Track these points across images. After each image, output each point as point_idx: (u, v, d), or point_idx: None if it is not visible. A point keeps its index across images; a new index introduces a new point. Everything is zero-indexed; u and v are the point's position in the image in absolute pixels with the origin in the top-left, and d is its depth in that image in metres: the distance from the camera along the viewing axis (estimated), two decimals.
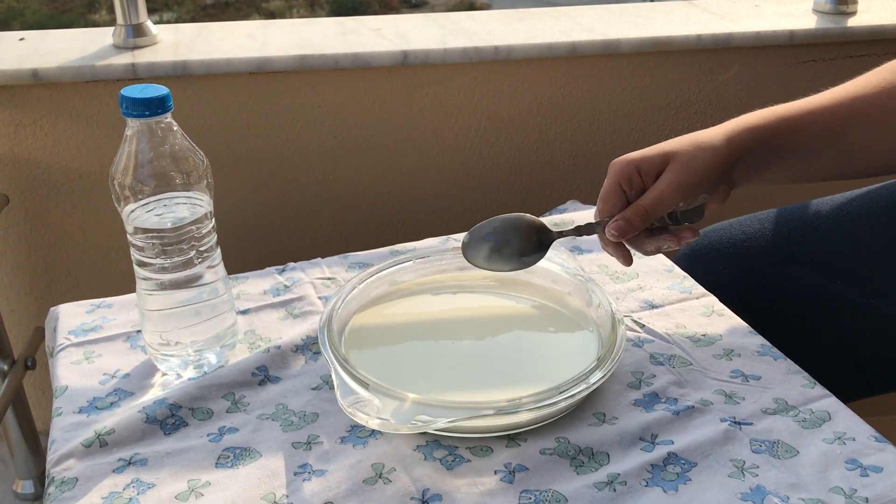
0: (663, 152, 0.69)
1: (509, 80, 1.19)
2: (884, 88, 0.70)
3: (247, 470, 0.61)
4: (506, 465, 0.60)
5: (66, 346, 0.75)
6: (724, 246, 0.88)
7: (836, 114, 0.70)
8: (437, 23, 1.25)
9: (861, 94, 0.70)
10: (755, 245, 0.87)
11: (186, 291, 0.68)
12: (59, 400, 0.68)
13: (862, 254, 0.81)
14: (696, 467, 0.59)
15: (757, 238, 0.87)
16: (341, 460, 0.61)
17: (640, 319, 0.76)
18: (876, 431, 0.62)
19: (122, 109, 0.63)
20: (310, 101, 1.15)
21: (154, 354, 0.71)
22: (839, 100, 0.70)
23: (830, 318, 0.82)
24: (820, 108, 0.71)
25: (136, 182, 0.65)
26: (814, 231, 0.85)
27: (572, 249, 0.87)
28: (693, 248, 0.91)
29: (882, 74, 0.71)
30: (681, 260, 0.90)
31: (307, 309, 0.79)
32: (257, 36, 1.19)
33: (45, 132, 1.11)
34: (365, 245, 0.90)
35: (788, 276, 0.84)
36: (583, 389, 0.62)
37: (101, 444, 0.63)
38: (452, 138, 1.21)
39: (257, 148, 1.17)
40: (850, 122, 0.70)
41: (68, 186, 1.14)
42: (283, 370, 0.71)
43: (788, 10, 1.29)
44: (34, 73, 1.07)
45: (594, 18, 1.27)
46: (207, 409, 0.67)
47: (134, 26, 1.14)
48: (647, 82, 1.22)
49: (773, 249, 0.86)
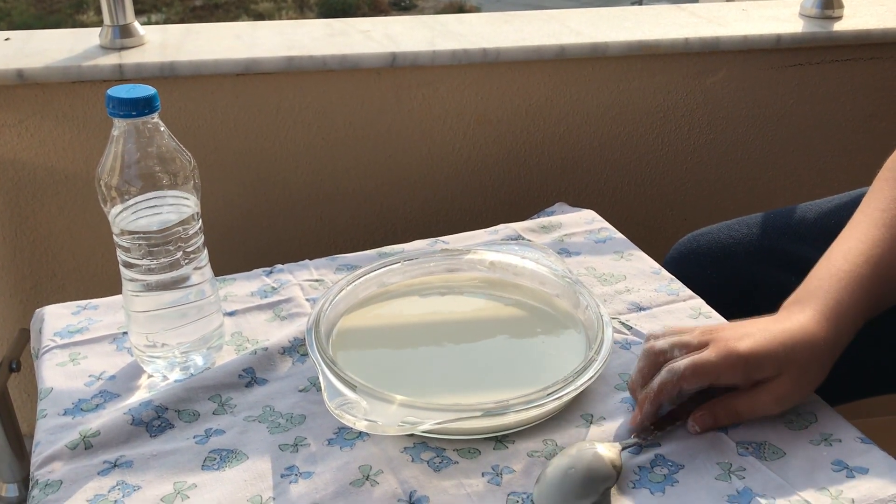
0: (782, 359, 0.60)
1: (498, 83, 1.19)
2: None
3: (233, 472, 0.60)
4: (493, 467, 0.60)
5: (51, 347, 0.74)
6: (712, 249, 0.88)
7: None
8: (425, 25, 1.25)
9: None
10: (741, 248, 0.87)
11: (173, 293, 0.68)
12: (44, 402, 0.68)
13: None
14: (683, 469, 0.60)
15: (743, 242, 0.87)
16: (328, 462, 0.61)
17: (627, 321, 0.76)
18: (861, 433, 0.63)
19: (109, 109, 0.63)
20: (298, 102, 1.15)
21: (140, 356, 0.70)
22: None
23: None
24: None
25: (123, 183, 0.64)
26: (799, 236, 0.85)
27: (560, 252, 0.87)
28: (680, 250, 0.91)
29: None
30: (668, 263, 0.90)
31: (295, 311, 0.79)
32: (245, 37, 1.19)
33: (30, 133, 1.10)
34: (353, 247, 0.90)
35: (773, 279, 0.84)
36: (570, 391, 0.63)
37: (86, 447, 0.62)
38: (441, 140, 1.21)
39: (245, 149, 1.17)
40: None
41: (54, 188, 1.14)
42: (270, 372, 0.71)
43: (775, 14, 1.29)
44: (19, 74, 1.06)
45: (583, 21, 1.27)
46: (194, 411, 0.66)
47: (121, 27, 1.13)
48: (635, 85, 1.22)
49: (758, 253, 0.86)
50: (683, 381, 0.60)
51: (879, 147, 0.77)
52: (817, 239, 0.83)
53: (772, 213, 0.90)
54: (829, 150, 1.32)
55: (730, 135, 1.28)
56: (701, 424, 0.62)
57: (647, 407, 0.61)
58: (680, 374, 0.60)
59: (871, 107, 1.30)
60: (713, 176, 1.31)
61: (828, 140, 1.31)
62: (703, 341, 0.62)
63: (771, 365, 0.60)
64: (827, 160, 1.33)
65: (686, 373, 0.60)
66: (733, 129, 1.28)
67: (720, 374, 0.60)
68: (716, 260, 0.87)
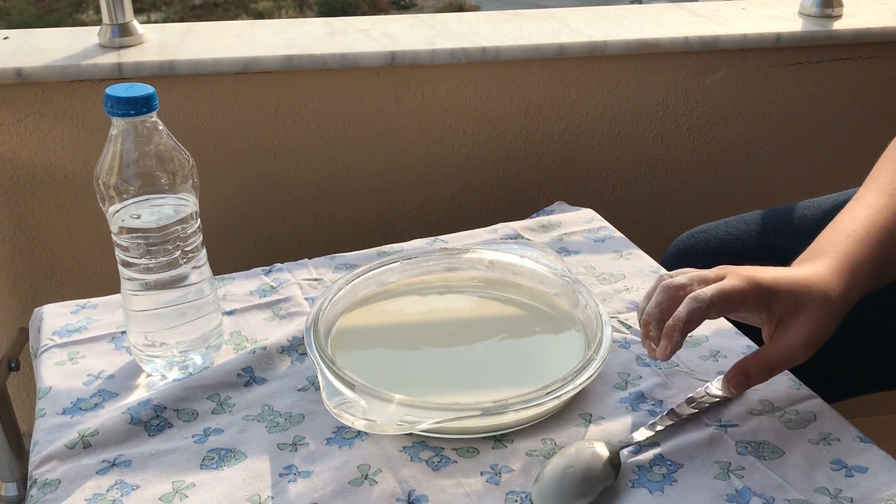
0: (800, 295, 0.61)
1: (497, 82, 1.19)
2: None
3: (232, 471, 0.60)
4: (492, 466, 0.60)
5: (50, 346, 0.74)
6: (710, 245, 0.88)
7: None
8: (425, 24, 1.25)
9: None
10: (740, 245, 0.87)
11: (171, 292, 0.68)
12: (43, 401, 0.68)
13: None
14: (682, 469, 0.60)
15: (742, 238, 0.87)
16: (327, 461, 0.61)
17: (626, 321, 0.76)
18: (861, 432, 0.63)
19: (107, 108, 0.63)
20: (297, 101, 1.15)
21: (139, 355, 0.70)
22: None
23: None
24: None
25: (121, 182, 0.64)
26: (797, 233, 0.85)
27: (559, 251, 0.87)
28: (679, 247, 0.91)
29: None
30: (667, 260, 0.90)
31: (293, 310, 0.79)
32: (244, 36, 1.19)
33: (29, 132, 1.10)
34: (352, 246, 0.90)
35: None
36: (569, 390, 0.63)
37: (84, 446, 0.62)
38: (440, 139, 1.21)
39: (244, 148, 1.17)
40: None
41: (53, 186, 1.14)
42: (268, 371, 0.71)
43: (775, 13, 1.29)
44: (18, 72, 1.06)
45: (582, 20, 1.27)
46: (192, 411, 0.66)
47: (120, 26, 1.13)
48: (634, 84, 1.22)
49: (756, 249, 0.86)
50: (712, 307, 0.59)
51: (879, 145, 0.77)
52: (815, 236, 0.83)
53: (770, 210, 0.90)
54: (828, 148, 1.32)
55: (729, 133, 1.28)
56: (736, 385, 0.62)
57: (676, 336, 0.59)
58: (708, 301, 0.59)
59: (871, 106, 1.30)
60: (712, 175, 1.31)
61: (827, 139, 1.31)
62: (720, 275, 0.62)
63: (791, 300, 0.60)
64: (826, 159, 1.33)
65: (714, 299, 0.59)
66: (732, 128, 1.28)
67: (745, 300, 0.60)
68: (713, 256, 0.87)
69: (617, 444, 0.60)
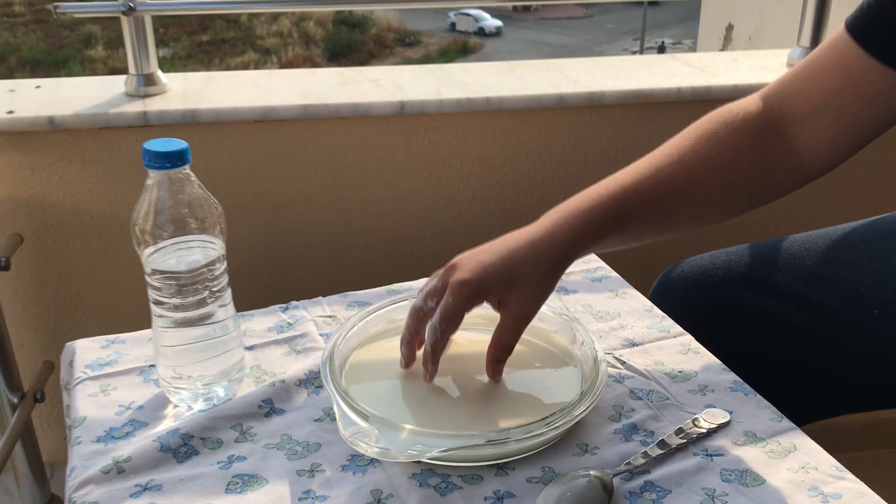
0: (507, 279, 0.69)
1: (500, 129, 1.25)
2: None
3: (254, 496, 0.65)
4: (495, 492, 0.64)
5: (83, 379, 0.79)
6: (693, 274, 0.93)
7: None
8: (432, 74, 1.32)
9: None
10: (720, 274, 0.92)
11: (199, 328, 0.73)
12: (78, 430, 0.73)
13: (810, 285, 0.86)
14: (671, 494, 0.64)
15: (723, 268, 0.92)
16: (342, 487, 0.65)
17: (621, 356, 0.81)
18: (837, 462, 0.67)
19: (145, 161, 0.69)
20: (312, 147, 1.21)
21: (166, 387, 0.75)
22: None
23: (781, 340, 0.88)
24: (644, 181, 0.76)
25: (155, 227, 0.70)
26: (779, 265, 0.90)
27: (558, 290, 0.92)
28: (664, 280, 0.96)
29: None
30: (655, 292, 0.95)
31: (309, 345, 0.84)
32: (262, 85, 1.25)
33: (59, 175, 1.16)
34: (363, 284, 0.94)
35: (746, 300, 0.89)
36: (567, 421, 0.67)
37: (118, 471, 0.67)
38: (446, 183, 1.27)
39: (262, 192, 1.22)
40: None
41: (79, 227, 1.19)
42: (287, 403, 0.75)
43: (764, 65, 1.36)
44: (50, 120, 1.13)
45: (580, 70, 1.33)
46: (217, 439, 0.71)
47: (145, 76, 1.20)
48: (630, 132, 1.28)
49: (736, 277, 0.92)
50: (444, 333, 0.69)
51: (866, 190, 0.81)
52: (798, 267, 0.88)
53: (754, 244, 0.95)
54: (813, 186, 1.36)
55: None
56: (493, 375, 0.73)
57: (430, 367, 0.71)
58: (440, 329, 0.69)
59: (858, 153, 1.35)
60: None
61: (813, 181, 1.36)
62: (445, 281, 0.70)
63: (498, 285, 0.69)
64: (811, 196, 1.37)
65: (442, 325, 0.69)
66: None
67: (465, 307, 0.69)
68: (695, 282, 0.92)
69: (610, 471, 0.65)
